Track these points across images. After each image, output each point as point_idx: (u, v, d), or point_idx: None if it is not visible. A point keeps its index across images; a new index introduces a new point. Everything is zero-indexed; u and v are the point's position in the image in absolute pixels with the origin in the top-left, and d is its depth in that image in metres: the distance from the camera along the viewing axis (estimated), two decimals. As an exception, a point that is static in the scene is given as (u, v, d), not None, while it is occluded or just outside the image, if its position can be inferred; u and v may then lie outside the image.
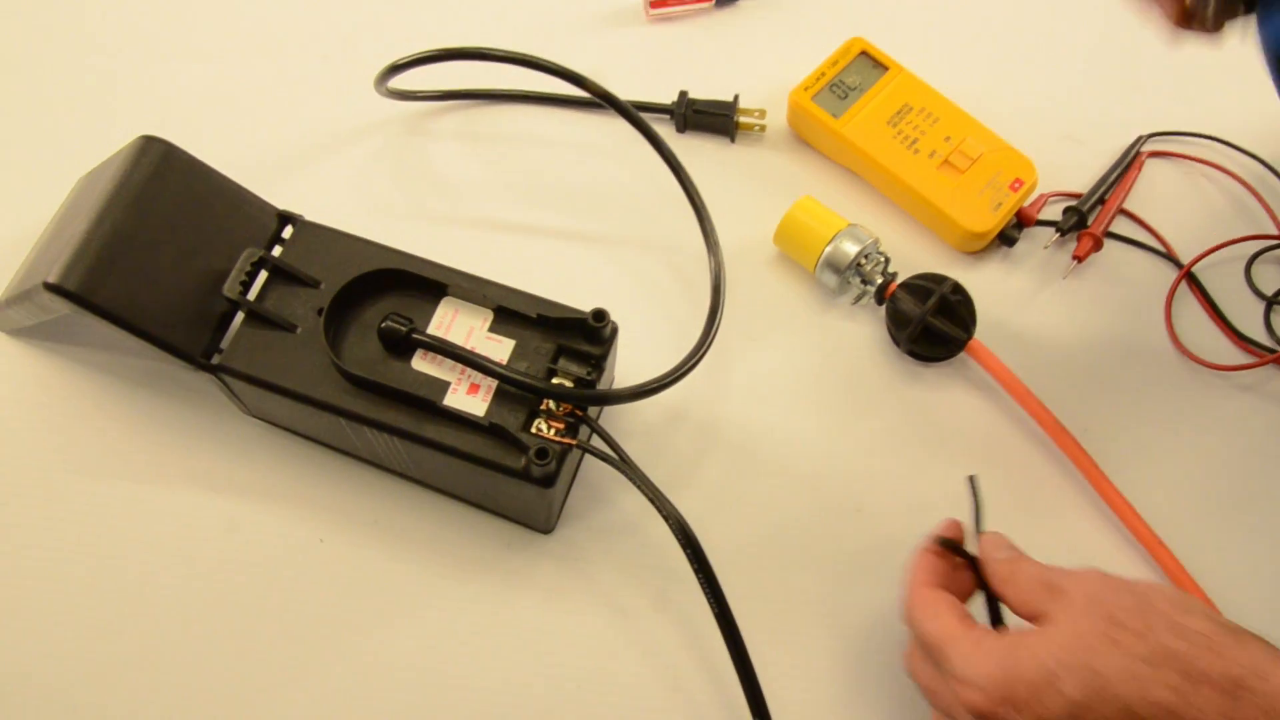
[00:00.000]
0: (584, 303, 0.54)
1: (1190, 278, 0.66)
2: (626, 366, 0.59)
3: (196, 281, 0.55)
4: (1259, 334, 0.65)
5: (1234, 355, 0.65)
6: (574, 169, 0.69)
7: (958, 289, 0.61)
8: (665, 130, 0.65)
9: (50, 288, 0.52)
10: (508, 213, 0.67)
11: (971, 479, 0.53)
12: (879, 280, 0.62)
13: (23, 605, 0.56)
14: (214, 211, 0.56)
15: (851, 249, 0.62)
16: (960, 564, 0.51)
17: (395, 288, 0.55)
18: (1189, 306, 0.66)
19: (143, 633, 0.56)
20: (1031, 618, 0.46)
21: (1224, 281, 0.67)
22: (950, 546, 0.51)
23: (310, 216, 0.58)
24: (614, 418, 0.61)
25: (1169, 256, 0.67)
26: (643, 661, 0.56)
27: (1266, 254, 0.67)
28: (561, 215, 0.67)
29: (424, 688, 0.55)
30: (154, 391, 0.61)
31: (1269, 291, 0.66)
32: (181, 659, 0.55)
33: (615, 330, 0.54)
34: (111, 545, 0.57)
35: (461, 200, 0.68)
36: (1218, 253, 0.67)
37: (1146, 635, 0.42)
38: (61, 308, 0.53)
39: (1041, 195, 0.68)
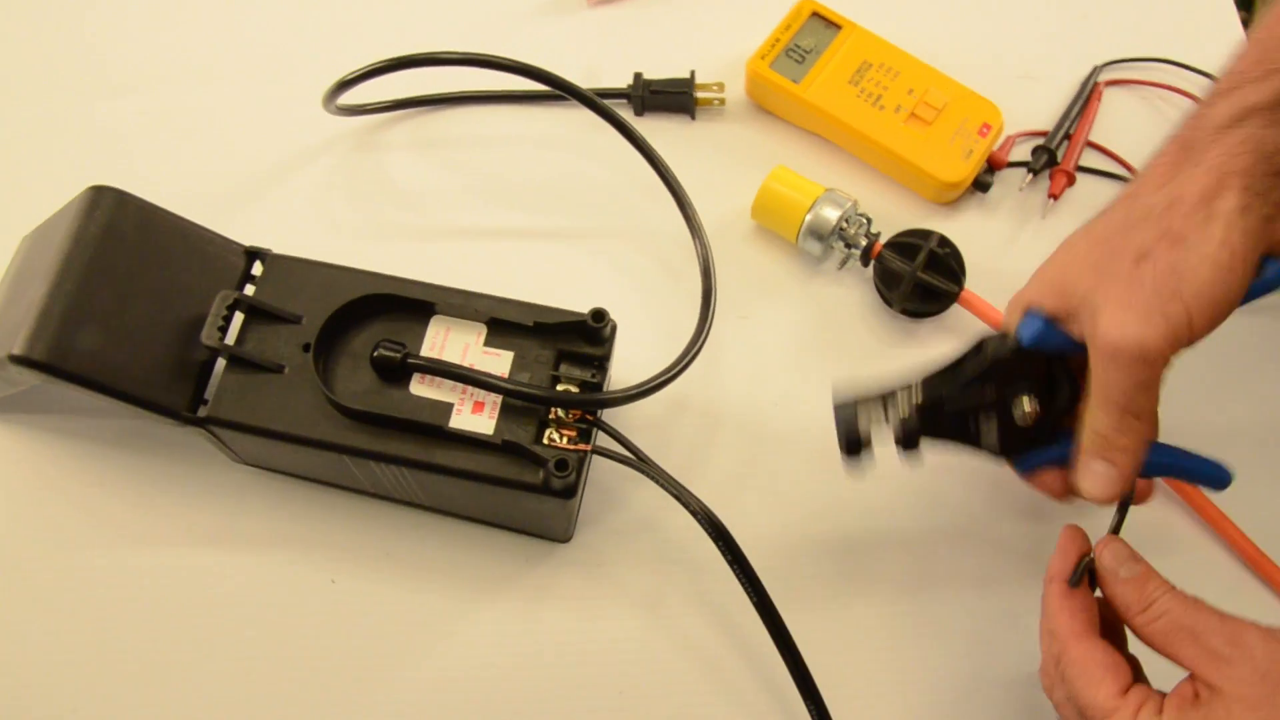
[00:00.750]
0: (570, 301, 0.53)
1: (1162, 201, 0.66)
2: (621, 361, 0.57)
3: (170, 333, 0.52)
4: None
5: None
6: (538, 165, 0.67)
7: (944, 242, 0.60)
8: (624, 115, 0.64)
9: (17, 360, 0.49)
10: (477, 218, 0.66)
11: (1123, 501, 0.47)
12: (863, 242, 0.61)
13: (35, 686, 0.53)
14: (178, 257, 0.54)
15: (832, 214, 0.61)
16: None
17: (381, 313, 0.53)
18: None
19: (162, 702, 0.53)
20: (1184, 668, 0.42)
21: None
22: (1088, 575, 0.46)
23: (273, 248, 0.56)
24: (616, 416, 0.60)
25: (1138, 182, 0.67)
26: (682, 657, 0.55)
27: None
28: (532, 214, 0.66)
29: (461, 713, 0.53)
30: (137, 451, 0.58)
31: (1237, 205, 0.66)
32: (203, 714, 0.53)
33: (615, 329, 0.53)
34: (114, 616, 0.55)
35: (427, 211, 0.66)
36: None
37: None
38: (30, 379, 0.50)
39: (1009, 137, 0.68)
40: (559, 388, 0.51)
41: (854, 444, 0.49)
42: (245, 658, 0.55)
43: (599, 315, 0.51)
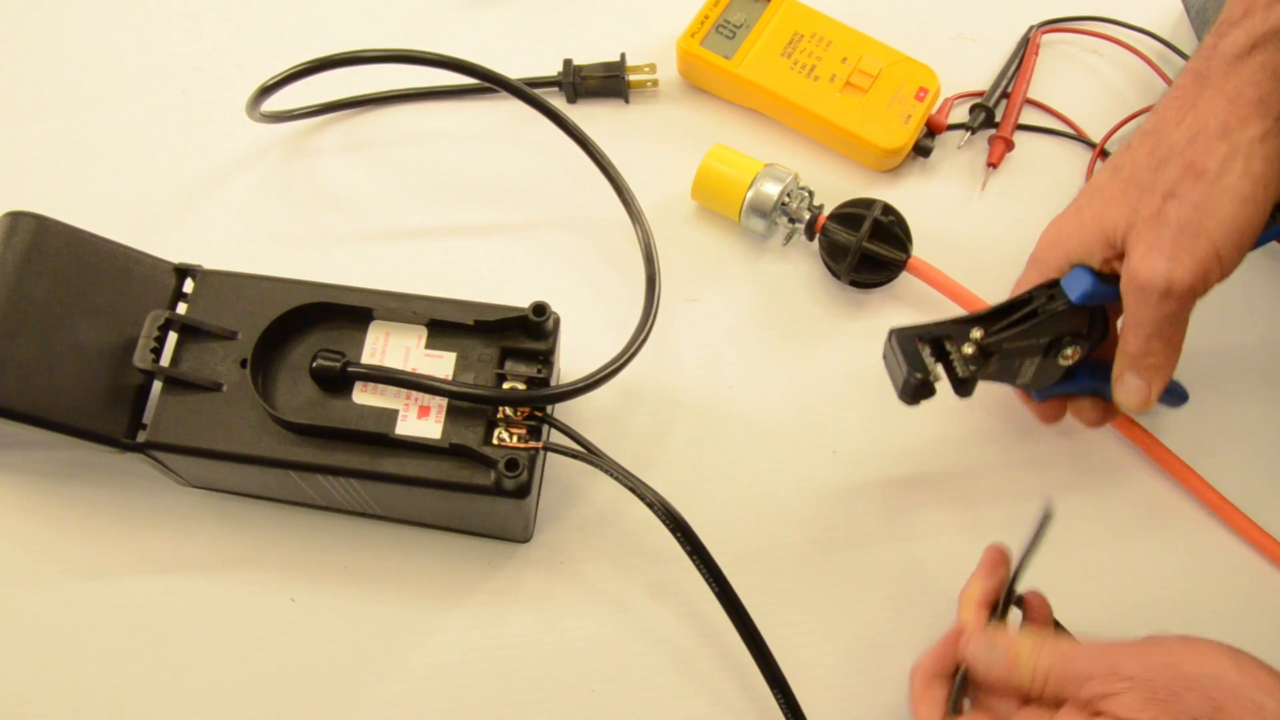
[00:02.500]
0: (515, 297, 0.52)
1: (1105, 154, 0.66)
2: (568, 353, 0.56)
3: (102, 358, 0.51)
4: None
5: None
6: (472, 160, 0.66)
7: (888, 210, 0.60)
8: (556, 104, 0.62)
9: (-59, 398, 0.47)
10: (414, 218, 0.64)
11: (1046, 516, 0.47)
12: (806, 216, 0.61)
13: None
14: (105, 280, 0.52)
15: (773, 189, 0.60)
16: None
17: (318, 322, 0.52)
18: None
19: (125, 737, 0.52)
20: (1072, 704, 0.43)
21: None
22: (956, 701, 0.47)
23: (210, 263, 0.54)
24: (568, 410, 0.59)
25: (1080, 138, 0.67)
26: (651, 650, 0.54)
27: (1169, 117, 0.67)
28: (471, 210, 0.64)
29: (433, 726, 0.53)
30: (80, 482, 0.57)
31: (1178, 153, 0.66)
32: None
33: (558, 321, 0.52)
34: (67, 651, 0.54)
35: (364, 214, 0.65)
36: (1126, 126, 0.67)
37: None
38: (-42, 416, 0.49)
39: (947, 100, 0.67)
40: (505, 386, 0.50)
41: (921, 385, 0.49)
42: (207, 684, 0.53)
43: (540, 309, 0.50)
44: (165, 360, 0.52)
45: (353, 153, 0.67)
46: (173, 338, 0.52)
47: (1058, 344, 0.50)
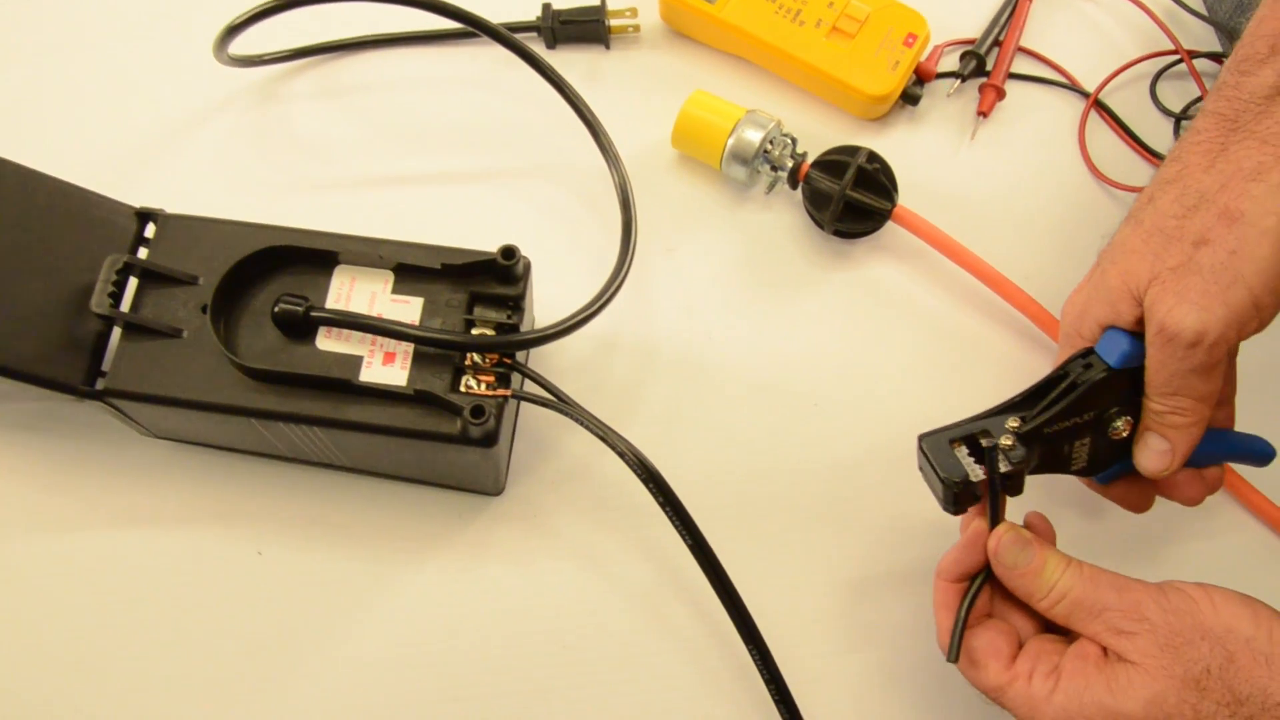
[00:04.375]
0: (487, 244, 0.50)
1: (1099, 105, 0.65)
2: (545, 302, 0.55)
3: (60, 304, 0.49)
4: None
5: (1150, 174, 0.63)
6: (449, 107, 0.64)
7: (873, 157, 0.58)
8: (534, 49, 0.61)
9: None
10: (388, 166, 0.63)
11: (989, 451, 0.44)
12: (789, 164, 0.59)
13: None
14: (62, 223, 0.51)
15: (755, 136, 0.59)
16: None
17: (282, 267, 0.51)
18: (1102, 134, 0.64)
19: (88, 689, 0.51)
20: (1092, 641, 0.42)
21: (1131, 104, 0.65)
22: (974, 596, 0.45)
23: (178, 210, 0.53)
24: (542, 360, 0.57)
25: (1074, 87, 0.65)
26: (625, 604, 0.53)
27: (1168, 71, 0.66)
28: (447, 157, 0.63)
29: (406, 681, 0.51)
30: (42, 434, 0.55)
31: (1175, 108, 0.65)
32: (142, 707, 0.51)
33: (528, 266, 0.50)
34: (32, 605, 0.52)
35: (338, 161, 0.63)
36: (1121, 76, 0.65)
37: (1235, 708, 0.39)
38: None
39: (937, 47, 0.65)
40: (474, 332, 0.49)
41: (965, 500, 0.44)
42: (172, 638, 0.52)
43: (509, 252, 0.48)
44: (125, 306, 0.50)
45: (326, 99, 0.65)
46: (133, 283, 0.51)
47: (1105, 418, 0.46)
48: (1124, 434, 0.47)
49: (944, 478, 0.44)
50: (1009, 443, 0.44)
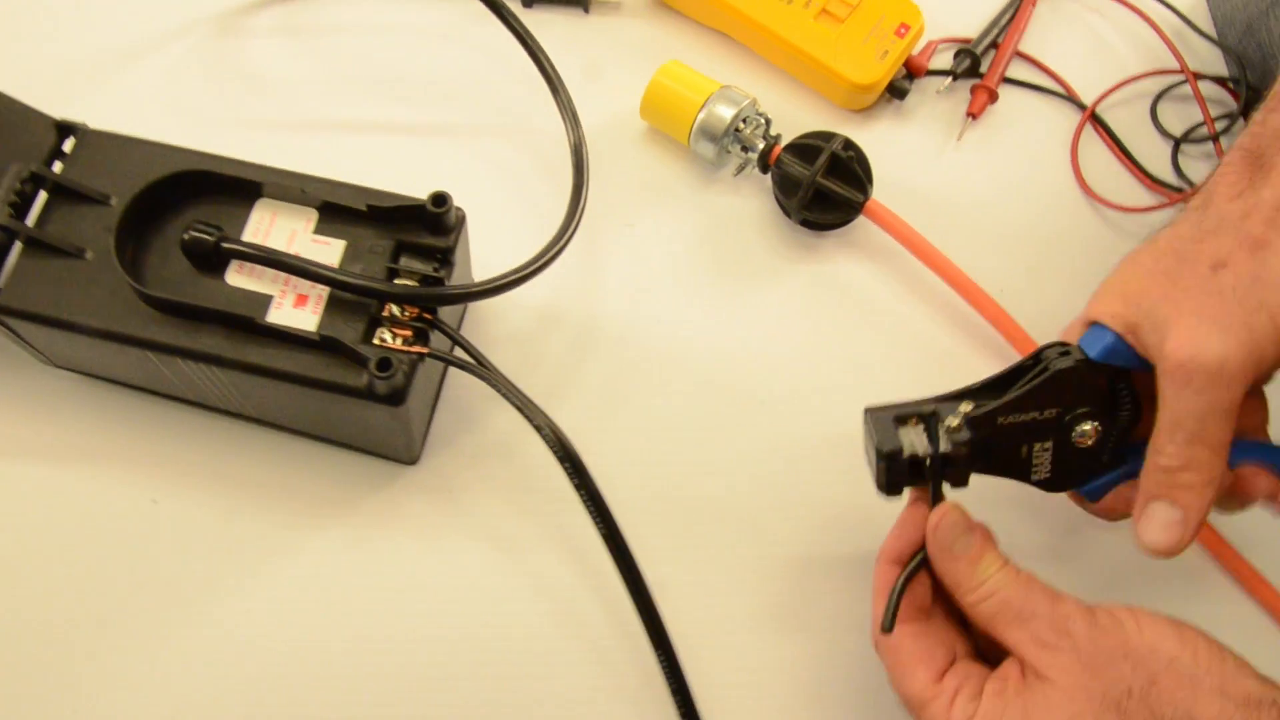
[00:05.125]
0: (432, 199, 0.47)
1: (1095, 119, 0.61)
2: (487, 267, 0.51)
3: (-43, 211, 0.46)
4: (1167, 175, 0.60)
5: (1144, 196, 0.60)
6: (413, 58, 0.61)
7: (849, 145, 0.55)
8: (511, 8, 0.57)
9: None
10: (340, 111, 0.59)
11: (929, 420, 0.41)
12: (760, 145, 0.56)
13: None
14: (-28, 127, 0.47)
15: (727, 112, 0.55)
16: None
17: (201, 195, 0.47)
18: (1096, 149, 0.61)
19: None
20: (1010, 652, 0.39)
21: (1129, 122, 0.62)
22: (913, 572, 0.42)
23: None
24: (478, 327, 0.54)
25: (1071, 98, 0.62)
26: (535, 597, 0.49)
27: (1171, 92, 0.63)
28: (401, 108, 0.59)
29: (291, 651, 0.48)
30: (-68, 353, 0.52)
31: (1175, 131, 0.61)
32: (8, 647, 0.47)
33: (462, 217, 0.47)
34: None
35: (287, 103, 0.60)
36: (1121, 91, 0.62)
37: None
38: None
39: (930, 43, 0.62)
40: (396, 282, 0.45)
41: (898, 475, 0.41)
42: (55, 582, 0.49)
43: (440, 199, 0.45)
44: (31, 221, 0.47)
45: (285, 37, 0.62)
46: (42, 198, 0.47)
47: (1071, 420, 0.42)
48: (1089, 443, 0.43)
49: (878, 447, 0.41)
50: (955, 423, 0.41)
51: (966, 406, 0.42)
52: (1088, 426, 0.42)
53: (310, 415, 0.49)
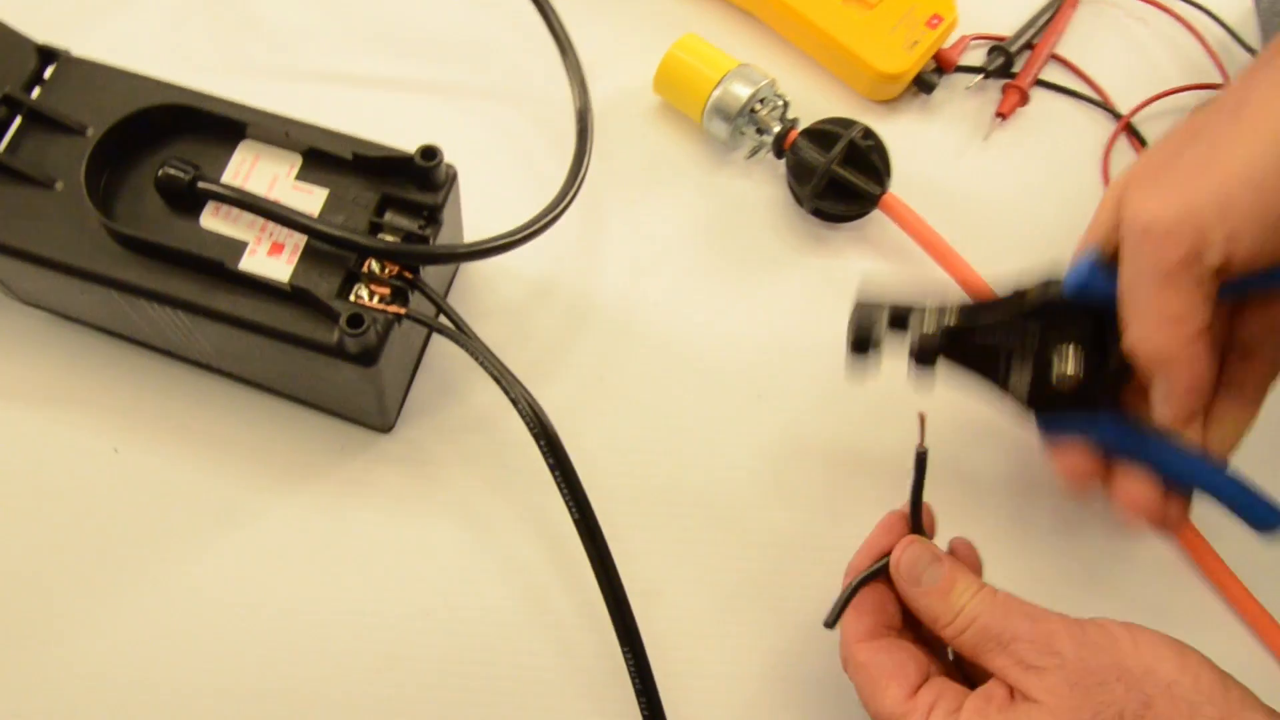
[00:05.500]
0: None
1: (1130, 130, 0.58)
2: (486, 234, 0.49)
3: (-73, 130, 0.44)
4: (1205, 193, 0.57)
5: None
6: (423, 11, 0.59)
7: (869, 134, 0.52)
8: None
9: None
10: (345, 63, 0.57)
11: (919, 456, 0.40)
12: (776, 128, 0.53)
13: None
14: (-51, 45, 0.45)
15: (743, 91, 0.53)
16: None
17: (182, 132, 0.45)
18: (1128, 161, 0.58)
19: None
20: (997, 677, 0.37)
21: (1166, 135, 0.59)
22: (869, 576, 0.40)
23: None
24: (467, 295, 0.51)
25: (1106, 106, 0.59)
26: (503, 579, 0.47)
27: (1212, 106, 0.59)
28: (409, 64, 0.57)
29: (247, 618, 0.45)
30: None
31: (1214, 148, 0.58)
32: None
33: (453, 175, 0.44)
34: None
35: (292, 51, 0.57)
36: (1160, 103, 0.59)
37: None
38: None
39: (963, 38, 0.59)
40: (380, 237, 0.43)
41: (863, 341, 0.43)
42: (5, 523, 0.46)
43: (429, 153, 0.43)
44: (1, 146, 0.44)
45: (293, -17, 0.59)
46: (17, 123, 0.45)
47: (1056, 345, 0.41)
48: (1071, 377, 0.41)
49: (857, 302, 0.43)
50: (932, 329, 0.42)
51: (951, 319, 0.42)
52: (1070, 359, 0.41)
53: (281, 372, 0.46)
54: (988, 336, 0.42)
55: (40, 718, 0.44)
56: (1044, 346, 0.42)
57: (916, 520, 0.40)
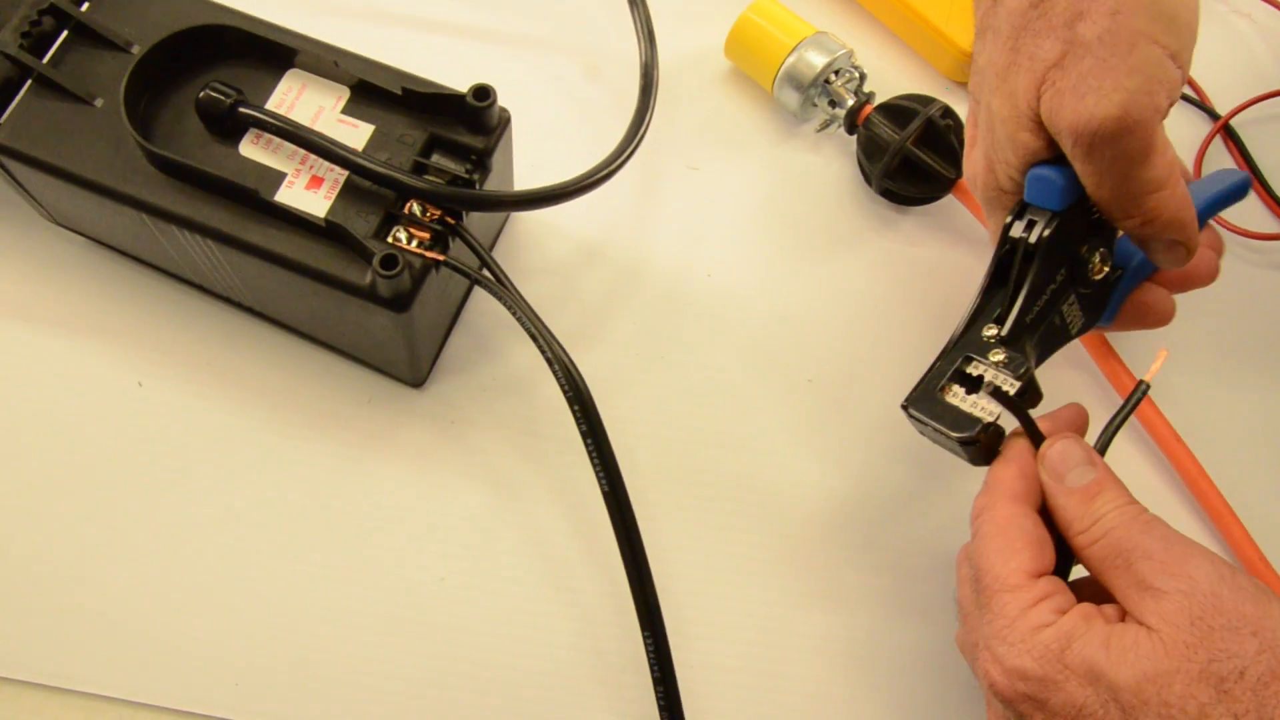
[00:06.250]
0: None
1: (1227, 132, 0.55)
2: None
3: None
4: (1301, 203, 0.53)
5: (1270, 223, 0.53)
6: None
7: (948, 113, 0.49)
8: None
9: None
10: (406, 3, 0.55)
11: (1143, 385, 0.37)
12: (850, 102, 0.50)
13: None
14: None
15: (818, 60, 0.50)
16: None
17: (230, 55, 0.43)
18: (1222, 164, 0.54)
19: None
20: (1106, 589, 0.34)
21: (1267, 141, 0.55)
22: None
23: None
24: (514, 251, 0.49)
25: (1202, 105, 0.55)
26: (524, 549, 0.45)
27: (1317, 114, 0.56)
28: (475, 9, 0.55)
29: (255, 564, 0.44)
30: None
31: (1317, 157, 0.54)
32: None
33: (506, 119, 0.42)
34: None
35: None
36: (1260, 105, 0.55)
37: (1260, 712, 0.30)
38: None
39: (1056, 21, 0.56)
40: (424, 178, 0.41)
41: (985, 435, 0.36)
42: (28, 448, 0.45)
43: (482, 93, 0.40)
44: (47, 59, 0.43)
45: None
46: (64, 37, 0.43)
47: (1079, 261, 0.39)
48: (1105, 269, 0.40)
49: (959, 437, 0.36)
50: (1000, 357, 0.36)
51: (990, 331, 0.38)
52: (1095, 258, 0.39)
53: (311, 314, 0.44)
54: (1040, 318, 0.39)
55: (48, 654, 0.42)
56: (1071, 275, 0.39)
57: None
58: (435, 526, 0.45)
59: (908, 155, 0.48)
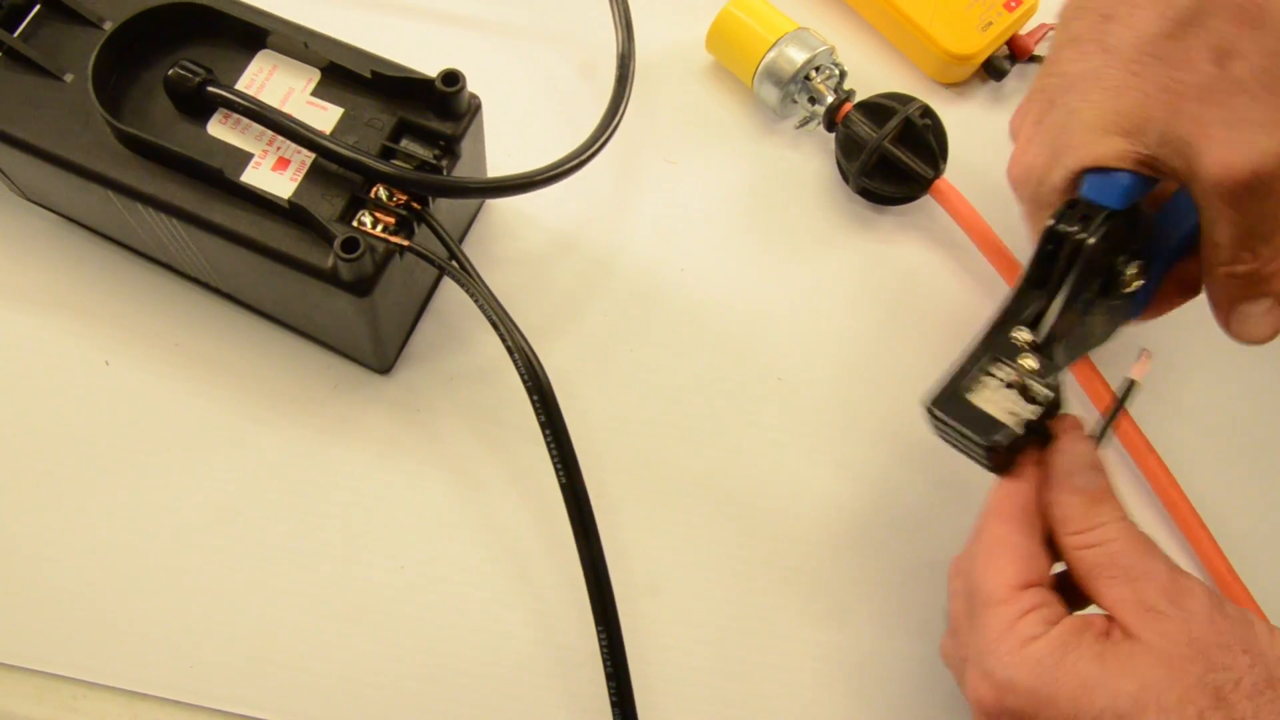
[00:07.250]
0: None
1: (1212, 141, 0.54)
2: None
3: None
4: None
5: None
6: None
7: (927, 113, 0.49)
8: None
9: None
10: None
11: (1129, 383, 0.37)
12: (830, 99, 0.50)
13: None
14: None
15: (798, 56, 0.49)
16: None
17: (201, 34, 0.43)
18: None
19: None
20: (1104, 609, 0.34)
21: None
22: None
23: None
24: (486, 241, 0.49)
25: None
26: (485, 539, 0.44)
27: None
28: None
29: (218, 545, 0.44)
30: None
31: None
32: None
33: (477, 106, 0.42)
34: None
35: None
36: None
37: None
38: None
39: (1042, 25, 0.55)
40: (392, 162, 0.40)
41: (996, 443, 0.35)
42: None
43: (451, 78, 0.40)
44: (17, 34, 0.43)
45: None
46: (37, 10, 0.43)
47: (1115, 272, 0.38)
48: (1134, 284, 0.38)
49: (988, 443, 0.35)
50: (1034, 364, 0.36)
51: (1025, 335, 0.37)
52: (1133, 269, 0.38)
53: (277, 297, 0.44)
54: (1071, 322, 0.38)
55: (15, 631, 0.42)
56: (1106, 283, 0.38)
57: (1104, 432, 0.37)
58: (396, 514, 0.44)
59: (885, 154, 0.48)
